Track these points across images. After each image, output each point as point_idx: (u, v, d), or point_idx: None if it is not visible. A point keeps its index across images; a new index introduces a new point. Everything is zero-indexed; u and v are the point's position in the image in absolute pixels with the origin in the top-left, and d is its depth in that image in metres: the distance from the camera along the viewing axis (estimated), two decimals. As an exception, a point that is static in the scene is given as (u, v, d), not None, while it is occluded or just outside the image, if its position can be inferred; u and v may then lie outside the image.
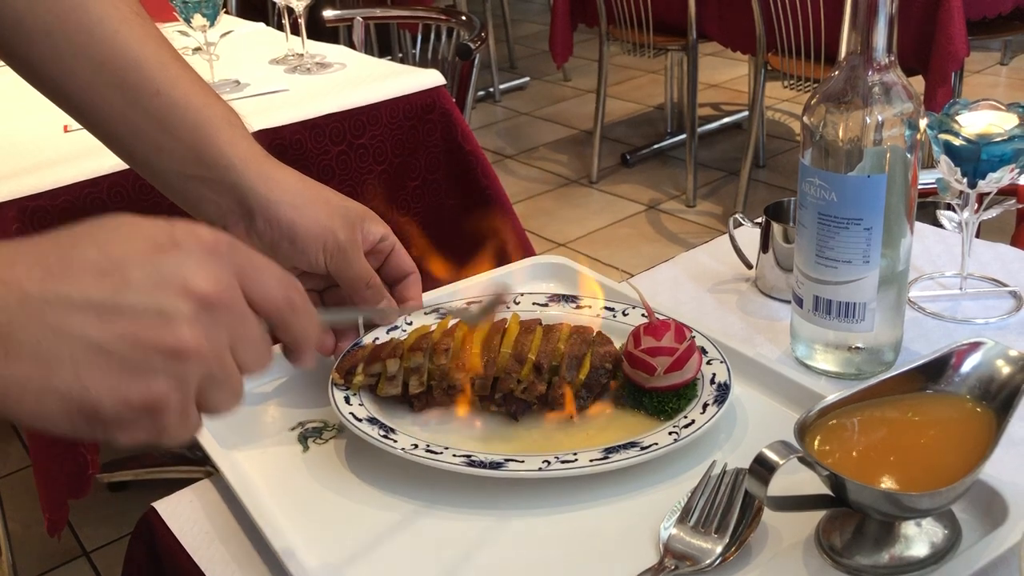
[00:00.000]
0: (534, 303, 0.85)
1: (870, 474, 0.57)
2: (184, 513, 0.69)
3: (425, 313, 0.83)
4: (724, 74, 4.43)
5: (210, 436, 0.72)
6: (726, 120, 3.96)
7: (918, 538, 0.58)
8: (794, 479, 0.59)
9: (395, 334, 0.79)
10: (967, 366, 0.61)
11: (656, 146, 3.77)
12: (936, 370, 0.62)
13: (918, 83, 2.51)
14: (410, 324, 0.81)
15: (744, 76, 4.01)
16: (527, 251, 1.67)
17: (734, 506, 0.62)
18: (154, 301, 0.43)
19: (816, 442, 0.59)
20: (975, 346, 0.62)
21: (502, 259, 0.97)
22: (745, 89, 3.91)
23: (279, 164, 0.74)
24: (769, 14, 2.74)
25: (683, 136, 3.55)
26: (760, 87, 2.94)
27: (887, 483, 0.57)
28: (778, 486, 0.56)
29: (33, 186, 1.29)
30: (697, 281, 0.97)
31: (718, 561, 0.59)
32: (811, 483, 0.58)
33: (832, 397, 0.60)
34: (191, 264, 0.44)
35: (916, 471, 0.58)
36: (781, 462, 0.55)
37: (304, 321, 0.50)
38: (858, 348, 0.77)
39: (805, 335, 0.80)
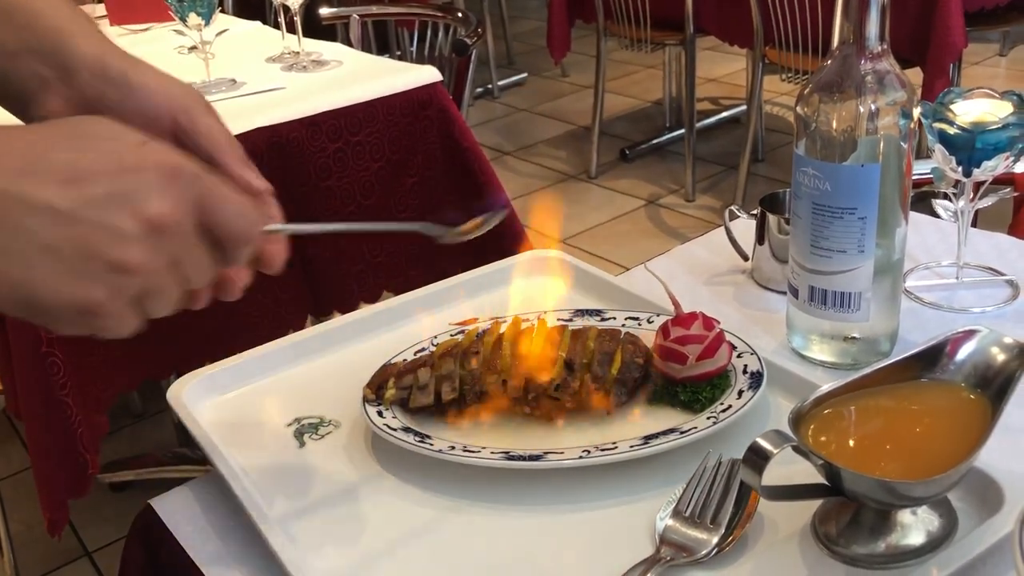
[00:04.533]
0: (559, 319, 0.82)
1: (865, 463, 0.57)
2: (181, 509, 0.70)
3: (452, 336, 0.80)
4: (722, 68, 4.42)
5: (206, 432, 0.72)
6: (724, 114, 3.96)
7: (914, 526, 0.58)
8: (790, 469, 0.59)
9: (422, 353, 0.77)
10: (962, 354, 0.61)
11: (655, 141, 3.76)
12: (931, 358, 0.62)
13: (916, 75, 2.50)
14: (436, 344, 0.78)
15: (742, 70, 4.00)
16: (525, 247, 1.66)
17: (729, 497, 0.61)
18: (108, 218, 0.47)
19: (811, 431, 0.59)
20: (970, 334, 0.61)
21: (500, 255, 0.97)
22: (743, 83, 3.90)
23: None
24: (766, 8, 2.74)
25: (682, 131, 3.54)
26: (758, 81, 2.94)
27: (882, 471, 0.57)
28: (773, 476, 0.56)
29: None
30: (693, 273, 0.97)
31: (714, 552, 0.59)
32: (806, 473, 0.58)
33: (827, 386, 0.60)
34: (150, 188, 0.48)
35: (911, 459, 0.58)
36: (775, 451, 0.55)
37: (246, 253, 0.53)
38: (854, 338, 0.77)
39: (801, 326, 0.80)
